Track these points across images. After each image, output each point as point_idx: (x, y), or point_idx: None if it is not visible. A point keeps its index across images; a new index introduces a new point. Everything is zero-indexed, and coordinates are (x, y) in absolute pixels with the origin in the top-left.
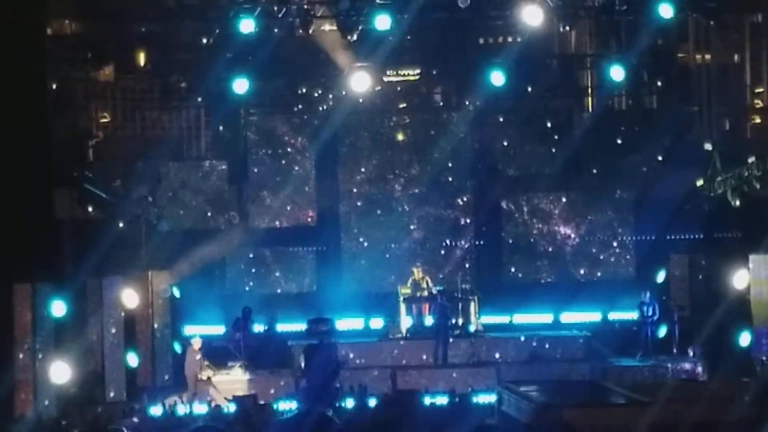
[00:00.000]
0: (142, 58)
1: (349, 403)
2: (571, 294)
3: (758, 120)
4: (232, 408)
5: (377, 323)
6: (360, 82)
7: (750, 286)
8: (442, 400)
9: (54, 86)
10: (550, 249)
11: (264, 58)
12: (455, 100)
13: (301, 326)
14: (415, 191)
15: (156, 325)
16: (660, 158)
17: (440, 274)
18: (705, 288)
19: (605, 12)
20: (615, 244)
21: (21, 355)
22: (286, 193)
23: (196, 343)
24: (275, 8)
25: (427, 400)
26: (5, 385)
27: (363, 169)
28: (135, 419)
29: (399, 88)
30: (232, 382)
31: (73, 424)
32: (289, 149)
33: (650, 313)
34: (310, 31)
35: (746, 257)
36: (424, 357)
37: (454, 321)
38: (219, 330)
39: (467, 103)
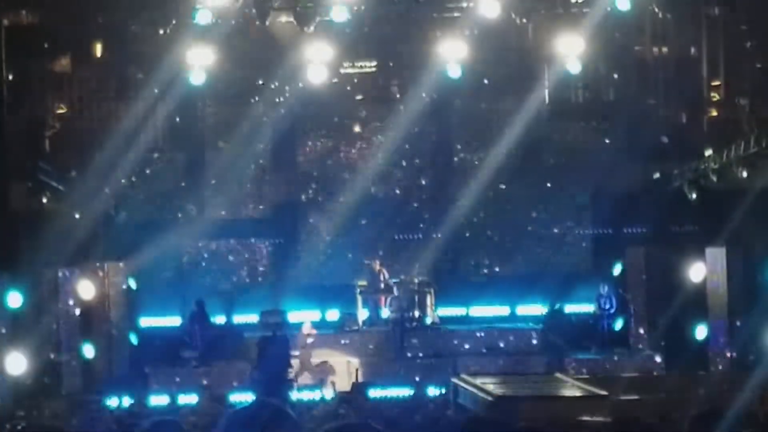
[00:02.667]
0: (98, 49)
1: (303, 395)
2: (528, 286)
3: (715, 113)
4: (192, 400)
5: (333, 315)
6: (316, 73)
7: (706, 279)
8: (398, 392)
9: (10, 77)
10: (507, 241)
11: (221, 49)
12: (412, 92)
13: (256, 318)
14: (372, 183)
15: (112, 317)
16: (617, 151)
17: (397, 267)
18: (661, 281)
19: (562, 4)
20: (572, 236)
21: None
22: (242, 184)
23: (306, 328)
24: None
25: (383, 393)
26: None
27: (320, 161)
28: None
29: (356, 80)
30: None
31: (28, 415)
32: (245, 141)
33: (607, 306)
34: (267, 23)
35: (703, 250)
36: (381, 349)
37: (410, 313)
38: (175, 321)
39: (424, 95)
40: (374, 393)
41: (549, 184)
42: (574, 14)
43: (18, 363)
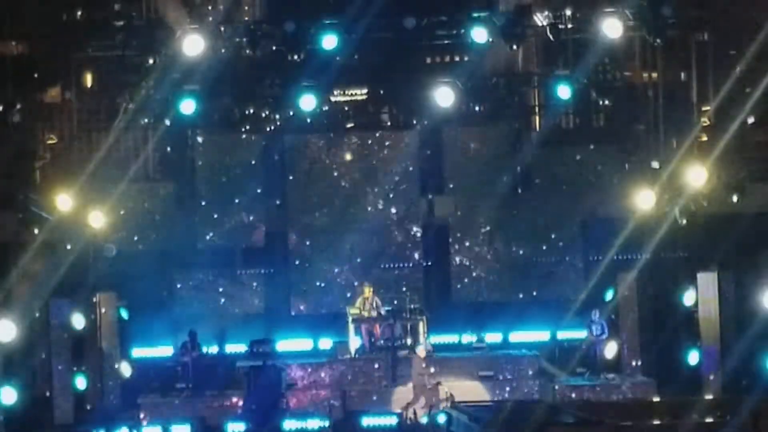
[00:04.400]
0: (88, 79)
1: (296, 424)
2: (520, 313)
3: (705, 138)
4: (185, 430)
5: (326, 344)
6: (307, 102)
7: (698, 305)
8: (390, 420)
9: (0, 108)
10: (499, 268)
11: (210, 79)
12: (403, 119)
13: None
14: (364, 211)
15: (104, 348)
16: (608, 177)
17: (388, 294)
18: (653, 306)
19: (552, 31)
20: (563, 263)
21: None
22: (233, 213)
23: (421, 352)
24: (222, 28)
25: (376, 421)
26: None
27: (311, 189)
28: None
29: (346, 108)
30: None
31: None
32: (236, 169)
33: (599, 332)
34: (257, 51)
35: (694, 276)
36: (373, 377)
37: (402, 341)
38: (167, 351)
39: (415, 122)
40: (367, 421)
41: (540, 210)
42: (563, 40)
43: (9, 395)
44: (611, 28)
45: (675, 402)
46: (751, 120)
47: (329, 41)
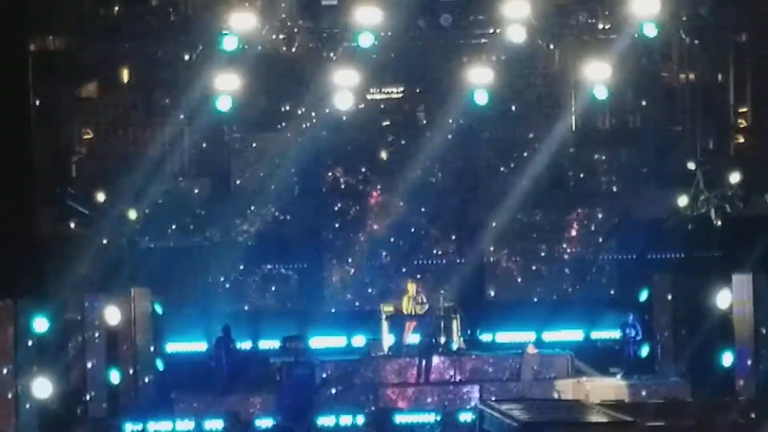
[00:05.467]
0: (125, 75)
1: (329, 420)
2: (554, 312)
3: (741, 139)
4: (218, 425)
5: (359, 341)
6: (343, 100)
7: (733, 306)
8: (423, 418)
9: (37, 102)
10: (533, 267)
11: (247, 75)
12: (438, 118)
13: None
14: (398, 209)
15: (138, 343)
16: (643, 177)
17: (423, 292)
18: (687, 307)
19: (589, 31)
20: (598, 262)
21: (2, 371)
22: (268, 210)
23: (531, 349)
24: (258, 25)
25: (409, 419)
26: None
27: (346, 187)
28: None
29: (382, 106)
30: None
31: None
32: (271, 167)
33: (633, 334)
34: (294, 49)
35: (729, 277)
36: (406, 375)
37: (436, 339)
38: (201, 347)
39: (450, 121)
40: (400, 419)
41: (575, 210)
42: (601, 40)
43: (44, 388)
44: (648, 28)
45: (708, 403)
46: None
47: (366, 39)
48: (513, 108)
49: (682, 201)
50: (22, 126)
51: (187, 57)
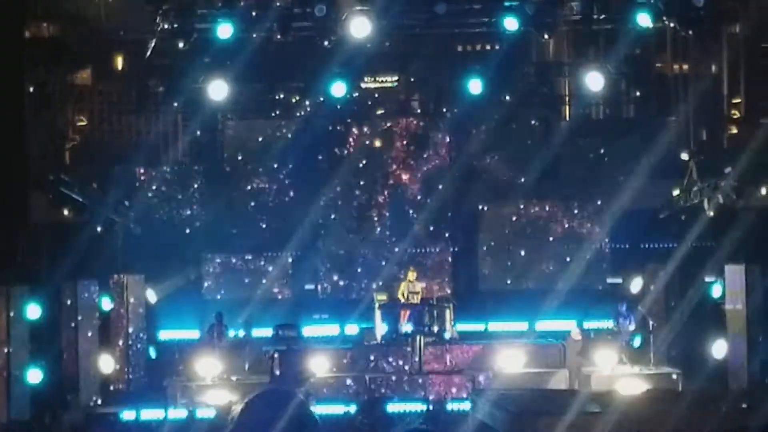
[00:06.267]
0: (119, 62)
1: (321, 409)
2: (546, 302)
3: (735, 130)
4: (210, 414)
5: (352, 330)
6: (337, 88)
7: (725, 297)
8: (416, 407)
9: (31, 89)
10: (526, 257)
11: (241, 63)
12: (433, 107)
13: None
14: (392, 197)
15: (131, 330)
16: (636, 167)
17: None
18: (680, 298)
19: (583, 20)
20: (591, 252)
21: None
22: (262, 198)
23: (576, 335)
24: (253, 13)
25: (402, 407)
26: None
27: (340, 175)
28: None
29: (377, 95)
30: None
31: (45, 428)
32: (266, 154)
33: (626, 324)
34: (288, 37)
35: (722, 267)
36: (399, 364)
37: (429, 328)
38: (194, 334)
39: (445, 110)
40: (393, 407)
41: (568, 200)
42: (594, 30)
43: (36, 375)
44: (642, 18)
45: (701, 393)
46: None
47: (360, 27)
48: (507, 97)
49: (676, 191)
50: (16, 113)
51: (181, 44)
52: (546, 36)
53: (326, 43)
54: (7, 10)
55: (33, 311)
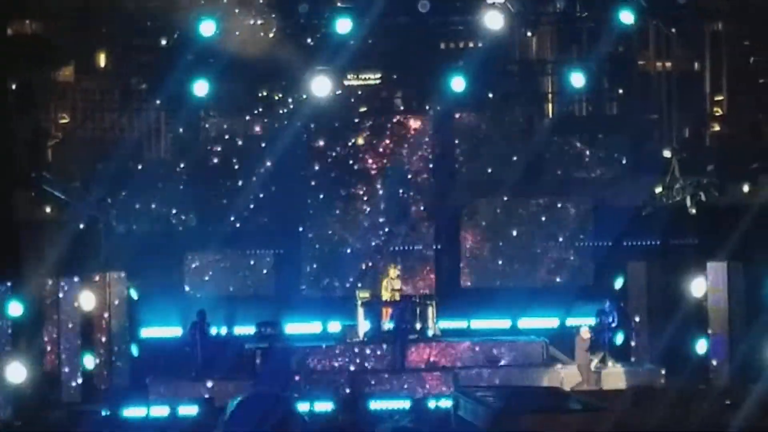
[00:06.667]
0: (101, 60)
1: (304, 407)
2: (529, 299)
3: (717, 128)
4: (192, 411)
5: (335, 327)
6: (320, 85)
7: (707, 294)
8: (399, 404)
9: (13, 86)
10: (509, 254)
11: (224, 61)
12: (416, 104)
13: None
14: (375, 194)
15: (113, 328)
16: (619, 165)
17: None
18: (663, 295)
19: (566, 18)
20: (573, 249)
21: None
22: (245, 195)
23: (585, 333)
24: (236, 11)
25: (384, 405)
26: None
27: (323, 172)
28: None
29: (360, 92)
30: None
31: (27, 425)
32: (248, 152)
33: (609, 321)
34: (271, 34)
35: (704, 265)
36: (382, 361)
37: (412, 326)
38: (177, 332)
39: (428, 107)
40: (375, 405)
41: (551, 197)
42: (577, 28)
43: (18, 373)
44: (625, 16)
45: (682, 390)
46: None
47: (343, 25)
48: (490, 95)
49: (658, 189)
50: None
51: (164, 42)
52: (529, 33)
53: (309, 40)
54: None
55: (15, 308)
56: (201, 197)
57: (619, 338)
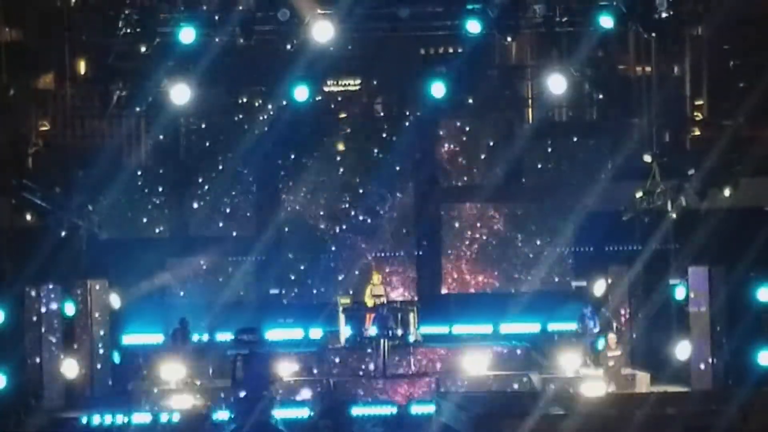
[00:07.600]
0: (81, 67)
1: (283, 413)
2: (511, 305)
3: (698, 132)
4: (174, 418)
5: (316, 333)
6: (300, 91)
7: (689, 299)
8: (380, 410)
9: None
10: (490, 259)
11: (204, 67)
12: (396, 110)
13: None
14: (356, 200)
15: (95, 335)
16: (600, 170)
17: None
18: (644, 299)
19: (546, 23)
20: (554, 255)
21: None
22: (225, 201)
23: (612, 339)
24: (216, 17)
25: (366, 410)
26: None
27: (303, 179)
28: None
29: (339, 98)
30: None
31: None
32: (229, 158)
33: (591, 326)
34: (250, 41)
35: (685, 269)
36: (363, 367)
37: (393, 331)
38: (158, 339)
39: (408, 113)
40: (357, 411)
41: (532, 203)
42: (557, 33)
43: None
44: (605, 20)
45: (664, 394)
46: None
47: (323, 31)
48: (470, 100)
49: (639, 193)
50: None
51: (144, 49)
52: (509, 39)
53: (289, 46)
54: None
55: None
56: (182, 203)
57: (601, 343)
